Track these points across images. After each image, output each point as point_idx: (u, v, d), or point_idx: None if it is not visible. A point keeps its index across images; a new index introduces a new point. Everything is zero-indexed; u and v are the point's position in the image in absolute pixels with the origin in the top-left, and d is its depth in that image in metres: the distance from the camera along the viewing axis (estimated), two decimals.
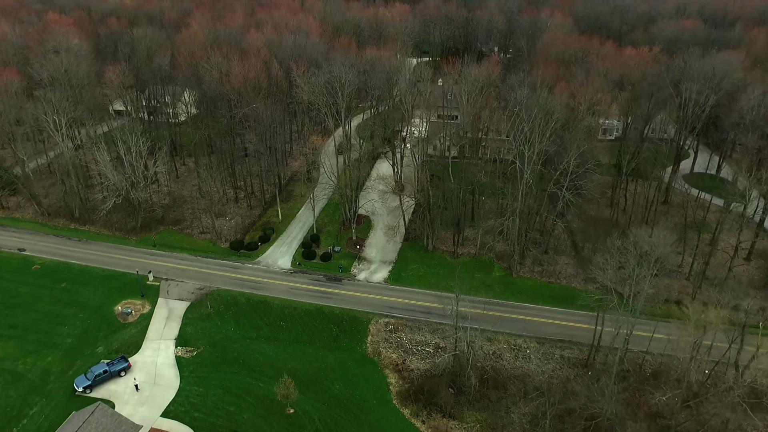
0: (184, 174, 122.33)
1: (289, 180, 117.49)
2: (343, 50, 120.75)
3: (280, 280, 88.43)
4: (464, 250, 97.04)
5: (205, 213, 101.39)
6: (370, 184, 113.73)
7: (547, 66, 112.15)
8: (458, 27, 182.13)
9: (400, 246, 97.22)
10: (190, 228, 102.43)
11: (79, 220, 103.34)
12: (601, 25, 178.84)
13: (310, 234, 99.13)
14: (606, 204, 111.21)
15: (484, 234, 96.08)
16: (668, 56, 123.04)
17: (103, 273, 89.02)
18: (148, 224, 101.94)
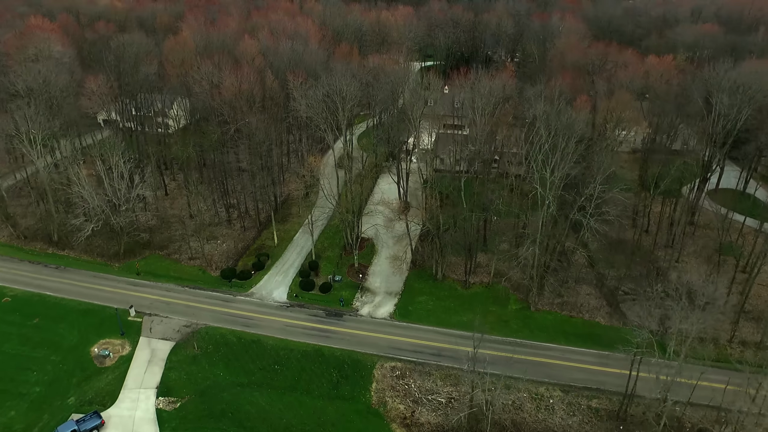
0: (174, 190, 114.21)
1: (285, 199, 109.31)
2: (344, 58, 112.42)
3: (275, 315, 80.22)
4: (476, 279, 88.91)
5: (194, 236, 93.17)
6: (374, 200, 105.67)
7: (563, 76, 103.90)
8: (464, 31, 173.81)
9: (407, 275, 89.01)
10: (178, 253, 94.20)
11: (57, 244, 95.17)
12: (613, 29, 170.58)
13: (309, 260, 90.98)
14: (626, 222, 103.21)
15: (498, 260, 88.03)
16: (692, 64, 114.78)
17: (81, 307, 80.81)
18: (132, 249, 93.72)
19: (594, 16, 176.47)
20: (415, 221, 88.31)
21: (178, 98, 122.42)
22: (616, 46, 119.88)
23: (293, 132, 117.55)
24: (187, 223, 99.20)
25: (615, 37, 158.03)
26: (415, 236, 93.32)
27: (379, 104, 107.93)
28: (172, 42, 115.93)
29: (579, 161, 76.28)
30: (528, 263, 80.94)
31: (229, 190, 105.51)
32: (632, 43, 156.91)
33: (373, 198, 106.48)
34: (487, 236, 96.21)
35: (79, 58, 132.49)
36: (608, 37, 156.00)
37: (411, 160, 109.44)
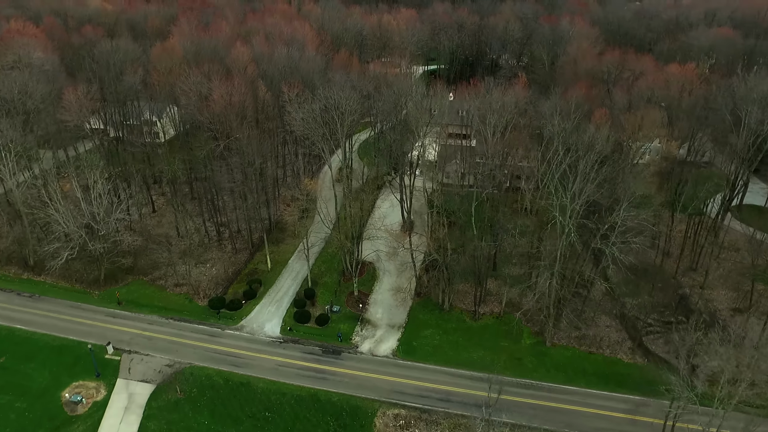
0: (162, 207, 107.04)
1: (280, 218, 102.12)
2: (343, 67, 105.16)
3: (267, 353, 73.06)
4: (486, 309, 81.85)
5: (181, 259, 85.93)
6: (375, 218, 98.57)
7: (578, 86, 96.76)
8: (469, 34, 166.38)
9: (411, 304, 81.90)
10: (163, 278, 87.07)
11: (33, 269, 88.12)
12: (624, 33, 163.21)
13: (304, 288, 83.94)
14: (645, 242, 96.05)
15: (509, 289, 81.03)
16: (715, 73, 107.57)
17: (54, 343, 73.76)
18: (114, 274, 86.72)
19: (604, 19, 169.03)
20: (419, 249, 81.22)
21: (168, 108, 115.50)
22: (632, 53, 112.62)
23: (289, 145, 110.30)
24: (174, 244, 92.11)
25: (626, 41, 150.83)
26: (419, 261, 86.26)
27: (380, 115, 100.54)
28: (159, 49, 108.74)
29: (602, 184, 68.99)
30: (544, 296, 73.86)
31: (219, 207, 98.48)
32: (642, 47, 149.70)
33: (373, 216, 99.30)
34: (497, 259, 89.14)
35: (64, 64, 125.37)
36: (619, 41, 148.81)
37: (415, 174, 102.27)
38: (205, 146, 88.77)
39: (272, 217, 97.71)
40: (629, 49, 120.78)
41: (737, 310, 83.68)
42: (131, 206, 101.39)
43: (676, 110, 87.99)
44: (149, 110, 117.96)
